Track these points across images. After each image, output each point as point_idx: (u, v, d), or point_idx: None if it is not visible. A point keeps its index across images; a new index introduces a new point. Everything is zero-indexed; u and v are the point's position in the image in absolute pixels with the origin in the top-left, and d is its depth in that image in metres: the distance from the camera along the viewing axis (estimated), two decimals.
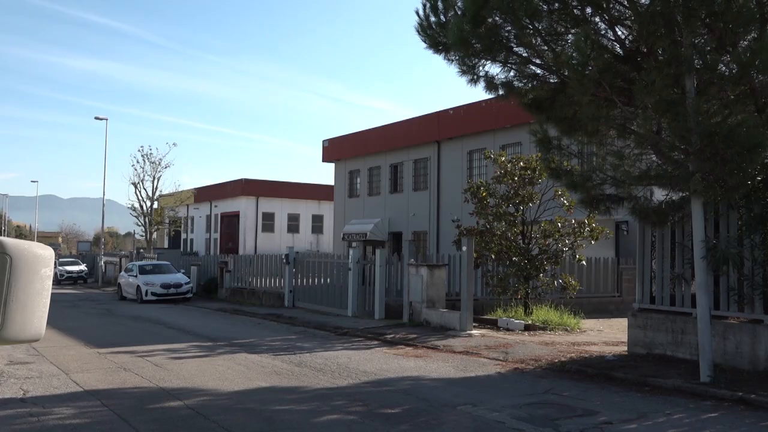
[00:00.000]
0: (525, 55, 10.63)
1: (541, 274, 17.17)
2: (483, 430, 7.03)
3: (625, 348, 12.17)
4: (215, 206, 56.69)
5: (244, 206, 52.65)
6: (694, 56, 9.03)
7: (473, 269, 15.99)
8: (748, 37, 8.98)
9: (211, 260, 29.68)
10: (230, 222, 55.45)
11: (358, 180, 37.95)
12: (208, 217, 58.13)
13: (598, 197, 10.96)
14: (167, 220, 49.10)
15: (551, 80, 10.97)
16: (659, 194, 11.01)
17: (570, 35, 10.03)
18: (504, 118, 27.43)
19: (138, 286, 26.15)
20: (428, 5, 11.05)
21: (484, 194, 17.30)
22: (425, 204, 32.37)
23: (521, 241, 17.24)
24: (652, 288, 11.70)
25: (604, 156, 10.56)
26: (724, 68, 9.20)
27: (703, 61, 9.06)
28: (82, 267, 42.85)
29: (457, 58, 10.89)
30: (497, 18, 10.02)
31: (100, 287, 36.79)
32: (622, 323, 16.67)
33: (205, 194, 57.02)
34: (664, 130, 9.67)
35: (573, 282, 17.11)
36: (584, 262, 18.11)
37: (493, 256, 17.11)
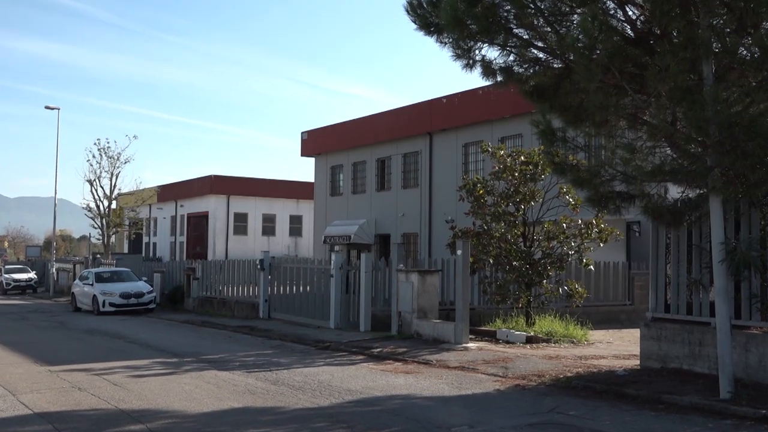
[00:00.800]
0: (526, 37, 10.67)
1: (545, 281, 17.23)
2: None
3: (638, 362, 12.24)
4: (181, 206, 56.46)
5: (214, 206, 52.47)
6: (713, 39, 9.10)
7: (469, 275, 16.02)
8: None
9: (177, 266, 29.54)
10: (198, 224, 55.21)
11: (341, 176, 37.93)
12: (173, 219, 57.86)
13: (607, 195, 11.02)
14: (127, 222, 48.79)
15: (555, 65, 11.01)
16: (674, 191, 11.09)
17: (575, 15, 10.09)
18: (503, 108, 27.52)
19: (94, 295, 25.99)
20: None
21: (481, 192, 17.35)
22: (416, 203, 32.42)
23: (522, 244, 17.29)
24: (667, 295, 11.78)
25: (613, 149, 10.62)
26: (745, 52, 9.28)
27: (722, 45, 9.14)
28: (31, 275, 42.52)
29: (450, 40, 10.91)
30: None
31: (51, 297, 36.54)
32: (633, 334, 16.77)
33: (170, 193, 56.76)
34: (679, 121, 9.74)
35: (579, 289, 17.20)
36: (592, 267, 18.20)
37: (491, 261, 17.16)
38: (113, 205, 43.09)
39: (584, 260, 17.30)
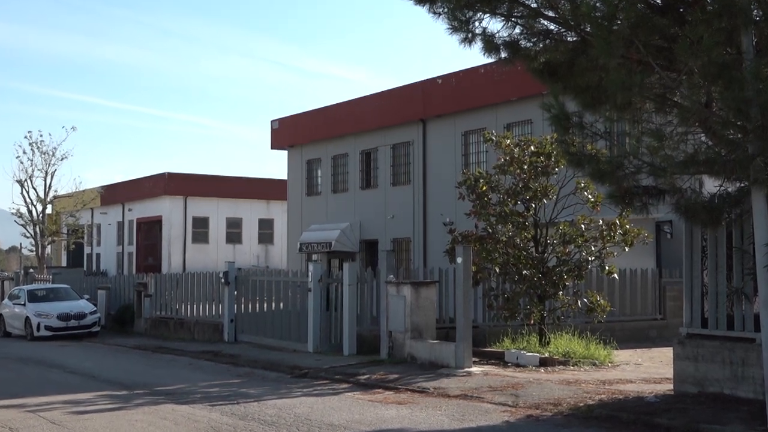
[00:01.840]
0: (534, 5, 10.71)
1: (561, 292, 17.27)
2: None
3: (671, 386, 12.30)
4: (129, 210, 56.27)
5: (169, 209, 52.34)
6: (753, 5, 9.16)
7: (471, 287, 16.03)
8: None
9: (125, 282, 29.42)
10: (150, 230, 55.02)
11: (319, 172, 37.90)
12: (120, 225, 57.64)
13: (633, 190, 11.07)
14: (65, 230, 48.54)
15: (569, 38, 11.06)
16: (711, 185, 11.15)
17: None
18: (509, 89, 27.59)
19: (27, 318, 25.85)
20: None
21: (484, 188, 17.38)
22: (408, 203, 32.45)
23: (534, 249, 17.33)
24: (704, 307, 11.84)
25: (638, 136, 10.66)
26: None
27: (763, 12, 9.20)
28: None
29: (445, 10, 10.94)
30: None
31: None
32: (666, 354, 16.83)
33: (116, 194, 56.54)
34: (715, 102, 9.80)
35: (602, 301, 17.25)
36: (616, 276, 18.26)
37: (497, 270, 17.20)
38: (48, 210, 42.92)
39: (606, 267, 17.35)
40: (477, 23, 11.00)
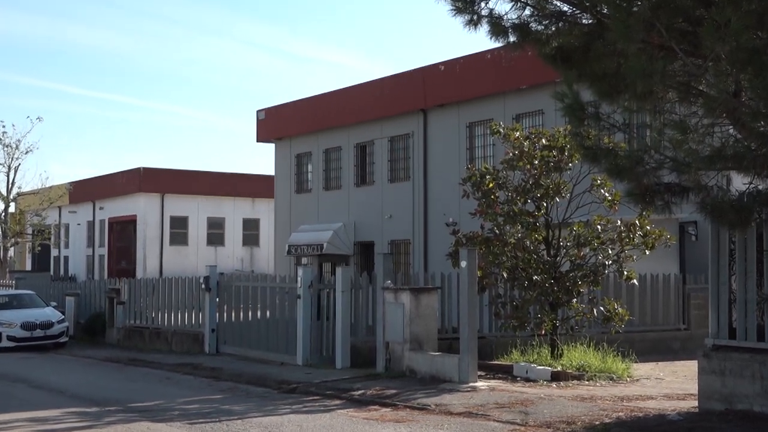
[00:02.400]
0: None
1: (575, 300, 17.28)
2: None
3: (695, 403, 12.30)
4: (101, 208, 56.18)
5: (144, 208, 52.28)
6: None
7: (477, 294, 16.02)
8: None
9: (96, 287, 29.37)
10: (123, 231, 54.93)
11: (310, 167, 37.86)
12: (91, 225, 57.55)
13: (654, 188, 11.07)
14: (30, 230, 48.41)
15: (584, 21, 11.06)
16: (739, 182, 11.15)
17: None
18: (518, 77, 27.58)
19: None
20: None
21: (490, 185, 17.37)
22: (407, 201, 32.44)
23: (545, 253, 17.33)
24: (732, 316, 11.83)
25: (660, 128, 10.67)
26: None
27: None
28: None
29: None
30: None
31: None
32: (690, 367, 16.83)
33: (87, 191, 56.43)
34: (744, 91, 9.80)
35: (620, 310, 17.26)
36: (635, 281, 18.26)
37: (504, 275, 17.19)
38: (11, 209, 42.83)
39: (625, 272, 17.35)
40: (483, 4, 11.01)
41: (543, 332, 17.18)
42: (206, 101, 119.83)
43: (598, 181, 17.11)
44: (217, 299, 22.22)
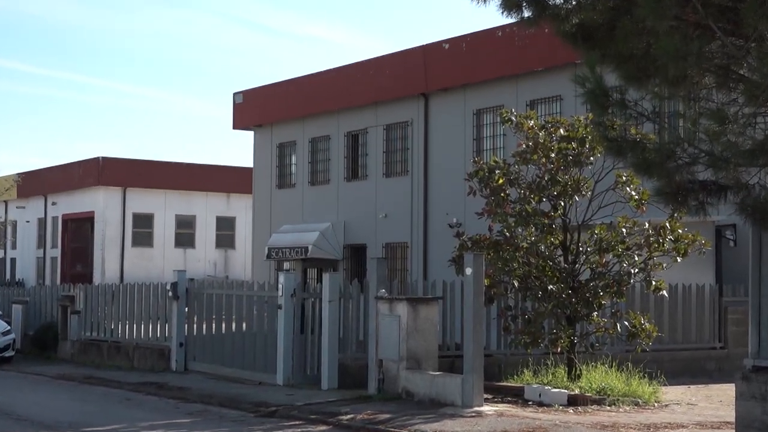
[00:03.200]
0: None
1: (595, 313, 17.29)
2: None
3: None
4: (54, 204, 56.11)
5: (103, 203, 52.21)
6: None
7: (484, 305, 16.02)
8: None
9: (48, 294, 29.30)
10: (79, 230, 54.86)
11: (294, 159, 37.83)
12: (42, 222, 57.47)
13: (687, 186, 11.08)
14: None
15: None
16: None
17: None
18: (533, 57, 27.60)
19: None
20: None
21: (500, 181, 17.39)
22: (404, 198, 32.43)
23: (562, 259, 17.34)
24: None
25: (695, 118, 10.68)
26: None
27: None
28: None
29: None
30: None
31: None
32: (726, 392, 16.87)
33: (37, 184, 56.35)
34: None
35: (647, 325, 17.27)
36: (665, 293, 18.28)
37: (515, 284, 17.20)
38: None
39: (653, 282, 17.37)
40: None
41: (559, 350, 17.18)
42: (175, 82, 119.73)
43: (624, 178, 17.12)
44: (186, 309, 22.19)
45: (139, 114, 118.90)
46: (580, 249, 17.40)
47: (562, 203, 17.38)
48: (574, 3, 11.18)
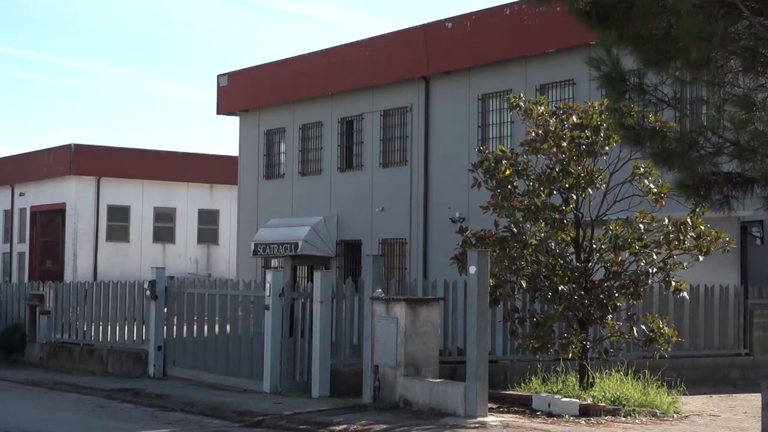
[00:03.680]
0: None
1: (610, 316, 17.29)
2: None
3: None
4: (21, 194, 56.01)
5: (75, 194, 52.12)
6: None
7: (489, 307, 16.02)
8: None
9: (14, 293, 29.24)
10: (49, 223, 54.76)
11: (283, 147, 37.81)
12: (9, 214, 57.38)
13: (710, 178, 11.09)
14: None
15: None
16: None
17: None
18: (543, 38, 27.58)
19: None
20: None
21: (507, 172, 17.37)
22: (403, 191, 32.42)
23: (574, 257, 17.34)
24: None
25: (719, 104, 10.69)
26: None
27: None
28: None
29: None
30: None
31: None
32: (752, 402, 16.89)
33: (4, 172, 56.24)
34: None
35: (666, 329, 17.27)
36: (686, 294, 18.28)
37: (523, 284, 17.19)
38: None
39: (673, 283, 17.36)
40: None
41: (570, 356, 17.18)
42: (153, 63, 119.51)
43: (641, 170, 17.11)
44: (165, 310, 22.16)
45: (115, 97, 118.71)
46: (594, 246, 17.40)
47: (575, 196, 17.38)
48: None
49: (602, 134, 17.07)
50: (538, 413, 15.80)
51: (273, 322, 18.78)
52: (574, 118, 17.43)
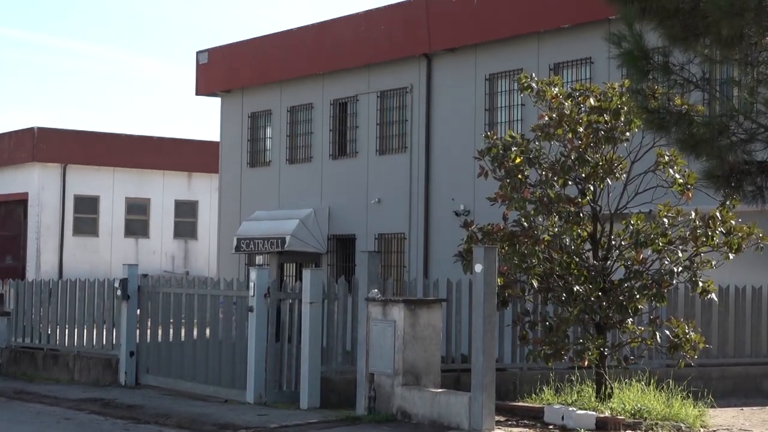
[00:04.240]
0: None
1: (630, 320, 17.30)
2: None
3: None
4: None
5: (39, 183, 52.08)
6: None
7: (496, 309, 16.03)
8: None
9: None
10: (10, 215, 54.71)
11: (269, 131, 37.78)
12: None
13: (742, 168, 11.09)
14: None
15: None
16: None
17: None
18: (558, 12, 27.57)
19: None
20: None
21: (517, 161, 17.38)
22: (402, 180, 32.42)
23: (591, 255, 17.35)
24: None
25: (753, 86, 10.69)
26: None
27: None
28: None
29: None
30: None
31: None
32: None
33: None
34: None
35: (692, 334, 17.28)
36: (714, 296, 18.28)
37: (534, 284, 17.20)
38: None
39: (701, 283, 17.36)
40: None
41: (586, 363, 17.18)
42: (125, 38, 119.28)
43: (666, 158, 17.13)
44: (139, 311, 22.16)
45: (83, 76, 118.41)
46: (613, 243, 17.42)
47: (592, 187, 17.38)
48: None
49: (623, 119, 17.08)
50: (551, 427, 15.83)
51: (257, 326, 18.78)
52: (592, 100, 17.43)
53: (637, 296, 17.03)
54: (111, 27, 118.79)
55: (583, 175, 17.27)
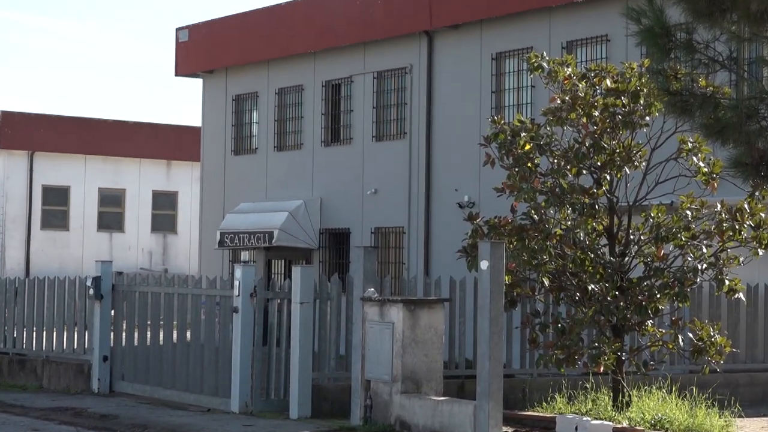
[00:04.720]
0: None
1: (650, 321, 17.32)
2: None
3: None
4: None
5: (3, 172, 52.01)
6: None
7: (503, 310, 16.04)
8: None
9: None
10: None
11: (255, 116, 37.77)
12: None
13: None
14: None
15: None
16: None
17: None
18: None
19: None
20: None
21: (527, 147, 17.38)
22: (400, 170, 32.42)
23: (607, 251, 17.35)
24: None
25: None
26: None
27: None
28: None
29: None
30: None
31: None
32: None
33: None
34: None
35: (717, 338, 17.29)
36: (742, 296, 18.28)
37: (545, 283, 17.21)
38: None
39: (727, 282, 17.36)
40: None
41: (602, 369, 17.20)
42: (98, 13, 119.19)
43: (689, 144, 17.12)
44: (113, 312, 22.16)
45: (53, 56, 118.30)
46: (631, 237, 17.43)
47: (608, 177, 17.40)
48: None
49: (642, 102, 17.08)
50: None
51: (243, 328, 18.79)
52: (608, 81, 17.43)
53: (658, 296, 17.03)
54: (84, 3, 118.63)
55: (599, 163, 17.28)
